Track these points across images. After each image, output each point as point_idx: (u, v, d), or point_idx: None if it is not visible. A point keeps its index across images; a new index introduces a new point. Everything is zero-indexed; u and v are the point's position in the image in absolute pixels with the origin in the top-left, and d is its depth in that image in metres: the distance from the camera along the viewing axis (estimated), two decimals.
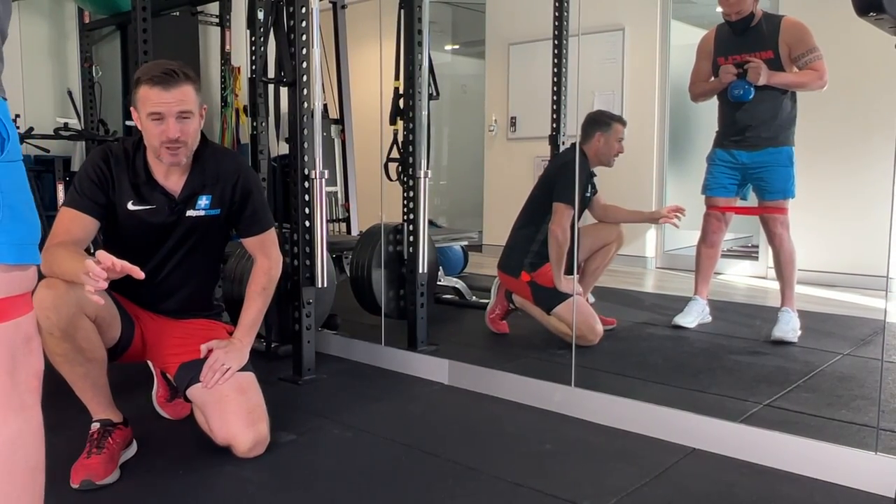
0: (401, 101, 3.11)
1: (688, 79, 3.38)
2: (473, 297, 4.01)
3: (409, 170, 3.02)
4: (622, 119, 3.24)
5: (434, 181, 3.58)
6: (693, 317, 3.39)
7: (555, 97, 3.68)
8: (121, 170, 1.98)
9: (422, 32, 2.96)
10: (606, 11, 5.18)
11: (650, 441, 2.11)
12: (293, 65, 2.62)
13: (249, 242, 2.16)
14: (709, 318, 3.45)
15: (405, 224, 3.06)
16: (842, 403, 2.40)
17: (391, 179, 3.19)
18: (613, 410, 2.24)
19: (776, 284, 3.24)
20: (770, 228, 3.18)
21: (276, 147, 3.32)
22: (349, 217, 4.90)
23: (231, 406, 1.94)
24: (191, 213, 2.04)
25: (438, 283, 3.81)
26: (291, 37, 2.63)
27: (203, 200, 2.04)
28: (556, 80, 3.67)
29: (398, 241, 3.18)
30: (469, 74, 7.01)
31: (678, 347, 3.18)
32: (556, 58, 3.66)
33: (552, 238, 3.03)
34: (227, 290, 2.98)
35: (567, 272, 3.05)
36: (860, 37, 2.24)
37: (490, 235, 5.74)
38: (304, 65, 2.63)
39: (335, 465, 1.97)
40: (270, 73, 3.02)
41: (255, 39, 3.22)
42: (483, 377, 2.58)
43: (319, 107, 2.68)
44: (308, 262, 2.67)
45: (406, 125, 3.04)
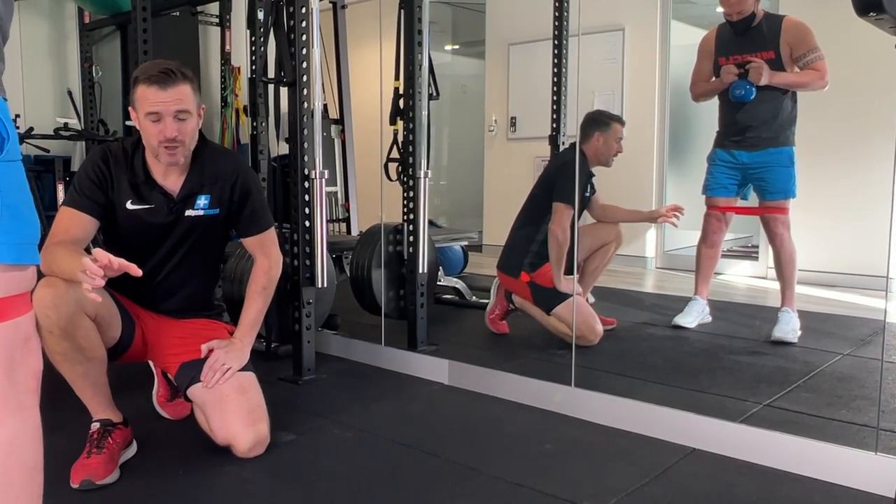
0: (401, 101, 3.11)
1: (688, 79, 3.38)
2: (473, 297, 4.00)
3: (409, 170, 3.02)
4: (621, 119, 3.24)
5: (434, 181, 3.58)
6: (693, 317, 3.39)
7: (555, 97, 3.68)
8: (120, 169, 1.98)
9: (422, 32, 2.96)
10: (606, 11, 5.18)
11: (650, 441, 2.11)
12: (293, 65, 2.62)
13: (249, 242, 2.16)
14: (709, 319, 3.45)
15: (405, 224, 3.06)
16: (842, 403, 2.40)
17: (391, 179, 3.20)
18: (613, 410, 2.24)
19: (776, 284, 3.24)
20: (771, 228, 3.18)
21: (276, 147, 3.31)
22: (349, 217, 4.90)
23: (231, 406, 1.94)
24: (190, 213, 2.04)
25: (438, 283, 3.81)
26: (291, 37, 2.63)
27: (202, 200, 2.04)
28: (556, 80, 3.67)
29: (398, 241, 3.18)
30: (469, 74, 7.01)
31: (678, 347, 3.18)
32: (556, 58, 3.66)
33: (552, 238, 3.03)
34: (227, 290, 2.98)
35: (567, 272, 3.06)
36: (860, 37, 2.24)
37: (490, 235, 5.74)
38: (304, 65, 2.63)
39: (335, 465, 1.97)
40: (270, 73, 3.01)
41: (255, 39, 3.22)
42: (483, 377, 2.58)
43: (319, 107, 2.68)
44: (308, 262, 2.67)
45: (406, 125, 3.04)
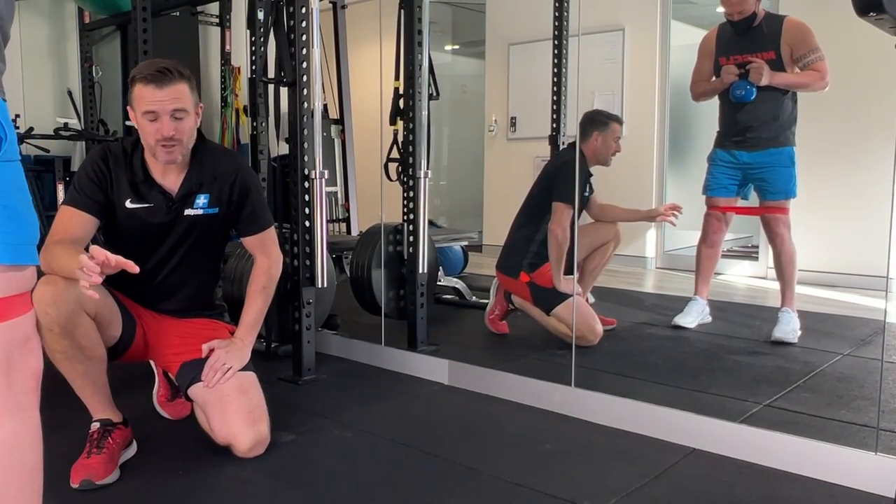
0: (401, 102, 3.11)
1: (688, 79, 3.38)
2: (473, 298, 4.00)
3: (409, 170, 3.02)
4: (619, 118, 3.25)
5: (434, 181, 3.58)
6: (693, 317, 3.39)
7: (555, 97, 3.68)
8: (119, 168, 1.99)
9: (422, 32, 2.96)
10: (606, 11, 5.18)
11: (650, 441, 2.11)
12: (293, 65, 2.62)
13: (249, 241, 2.16)
14: (709, 319, 3.44)
15: (405, 224, 3.06)
16: (842, 404, 2.40)
17: (391, 179, 3.19)
18: (613, 410, 2.24)
19: (776, 285, 3.24)
20: (772, 228, 3.18)
21: (276, 147, 3.32)
22: (349, 217, 4.90)
23: (232, 406, 1.94)
24: (189, 212, 2.04)
25: (438, 283, 3.81)
26: (291, 37, 2.63)
27: (201, 199, 2.05)
28: (556, 81, 3.67)
29: (398, 241, 3.18)
30: (469, 74, 7.01)
31: (678, 347, 3.18)
32: (556, 58, 3.65)
33: (552, 238, 3.03)
34: (227, 290, 2.98)
35: (566, 272, 3.05)
36: (860, 37, 2.24)
37: (490, 235, 5.74)
38: (304, 65, 2.63)
39: (335, 465, 1.97)
40: (270, 73, 3.02)
41: (255, 39, 3.22)
42: (483, 377, 2.58)
43: (319, 107, 2.68)
44: (308, 262, 2.67)
45: (406, 125, 3.04)
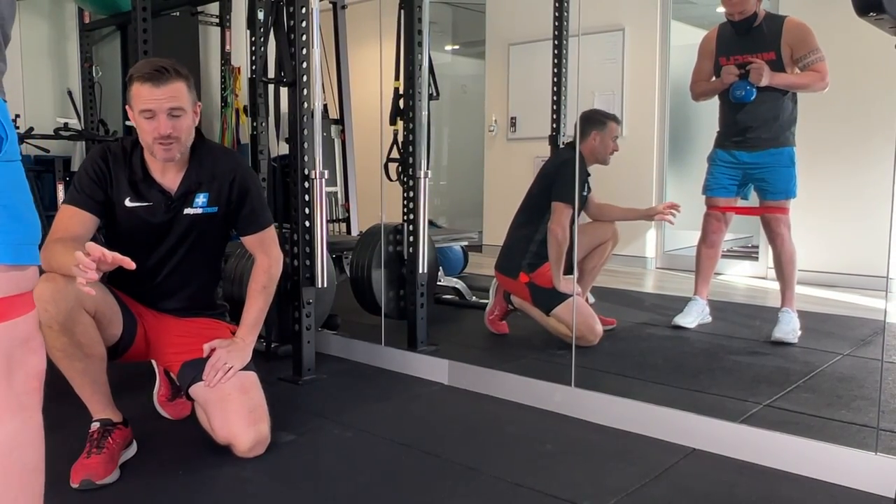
0: (401, 102, 3.11)
1: (688, 79, 3.38)
2: (473, 298, 4.00)
3: (409, 170, 3.02)
4: (616, 117, 3.27)
5: (434, 181, 3.58)
6: (693, 317, 3.39)
7: (555, 97, 3.68)
8: (119, 167, 2.00)
9: (422, 32, 2.96)
10: (606, 12, 5.18)
11: (650, 441, 2.11)
12: (293, 65, 2.62)
13: (249, 240, 2.17)
14: (709, 319, 3.44)
15: (405, 224, 3.06)
16: (842, 404, 2.40)
17: (391, 179, 3.19)
18: (613, 410, 2.24)
19: (776, 285, 3.24)
20: (772, 228, 3.18)
21: (276, 147, 3.32)
22: (349, 217, 4.90)
23: (233, 405, 1.94)
24: (188, 211, 2.05)
25: (438, 283, 3.81)
26: (291, 37, 2.63)
27: (200, 198, 2.05)
28: (556, 81, 3.67)
29: (398, 242, 3.18)
30: (469, 74, 7.01)
31: (678, 348, 3.18)
32: (556, 58, 3.65)
33: (552, 237, 3.03)
34: (227, 290, 2.98)
35: (565, 272, 3.05)
36: (860, 37, 2.24)
37: (490, 235, 5.74)
38: (304, 65, 2.63)
39: (335, 465, 1.97)
40: (270, 73, 3.02)
41: (255, 39, 3.22)
42: (483, 377, 2.58)
43: (319, 107, 2.68)
44: (308, 262, 2.67)
45: (406, 125, 3.04)
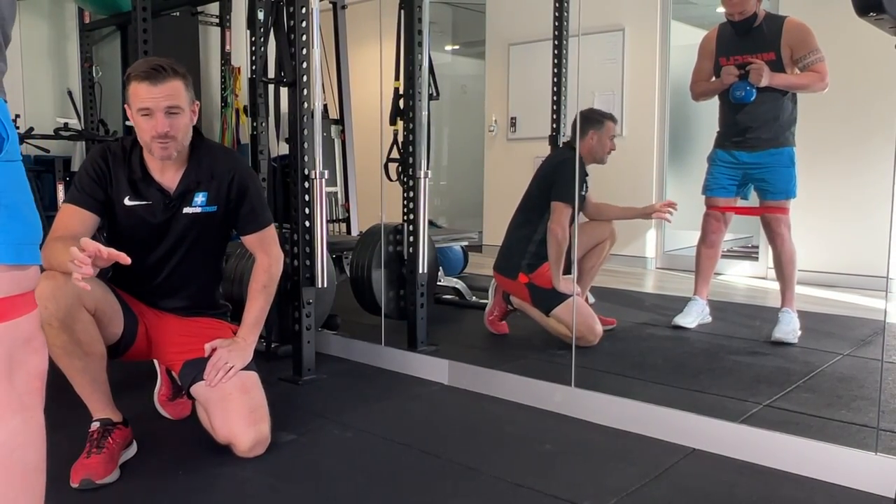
0: (401, 102, 3.11)
1: (688, 79, 3.38)
2: (473, 298, 4.00)
3: (409, 170, 3.02)
4: (613, 117, 3.28)
5: (434, 181, 3.58)
6: (693, 317, 3.39)
7: (555, 97, 3.68)
8: (118, 166, 2.00)
9: (422, 33, 2.96)
10: (606, 12, 5.18)
11: (650, 441, 2.11)
12: (293, 65, 2.62)
13: (249, 240, 2.17)
14: (709, 319, 3.44)
15: (405, 224, 3.06)
16: (842, 404, 2.40)
17: (391, 179, 3.20)
18: (613, 410, 2.24)
19: (776, 285, 3.24)
20: (772, 229, 3.18)
21: (276, 147, 3.32)
22: (349, 217, 4.90)
23: (233, 405, 1.95)
24: (187, 210, 2.05)
25: (438, 284, 3.81)
26: (291, 37, 2.63)
27: (199, 197, 2.05)
28: (556, 81, 3.67)
29: (398, 242, 3.18)
30: (469, 74, 7.01)
31: (678, 348, 3.18)
32: (556, 58, 3.66)
33: (552, 237, 3.03)
34: (227, 290, 2.97)
35: (564, 272, 3.05)
36: (860, 37, 2.24)
37: (490, 235, 5.74)
38: (304, 65, 2.63)
39: (335, 465, 1.97)
40: (270, 73, 3.02)
41: (255, 39, 3.22)
42: (483, 377, 2.58)
43: (319, 107, 2.68)
44: (308, 262, 2.67)
45: (406, 125, 3.04)
